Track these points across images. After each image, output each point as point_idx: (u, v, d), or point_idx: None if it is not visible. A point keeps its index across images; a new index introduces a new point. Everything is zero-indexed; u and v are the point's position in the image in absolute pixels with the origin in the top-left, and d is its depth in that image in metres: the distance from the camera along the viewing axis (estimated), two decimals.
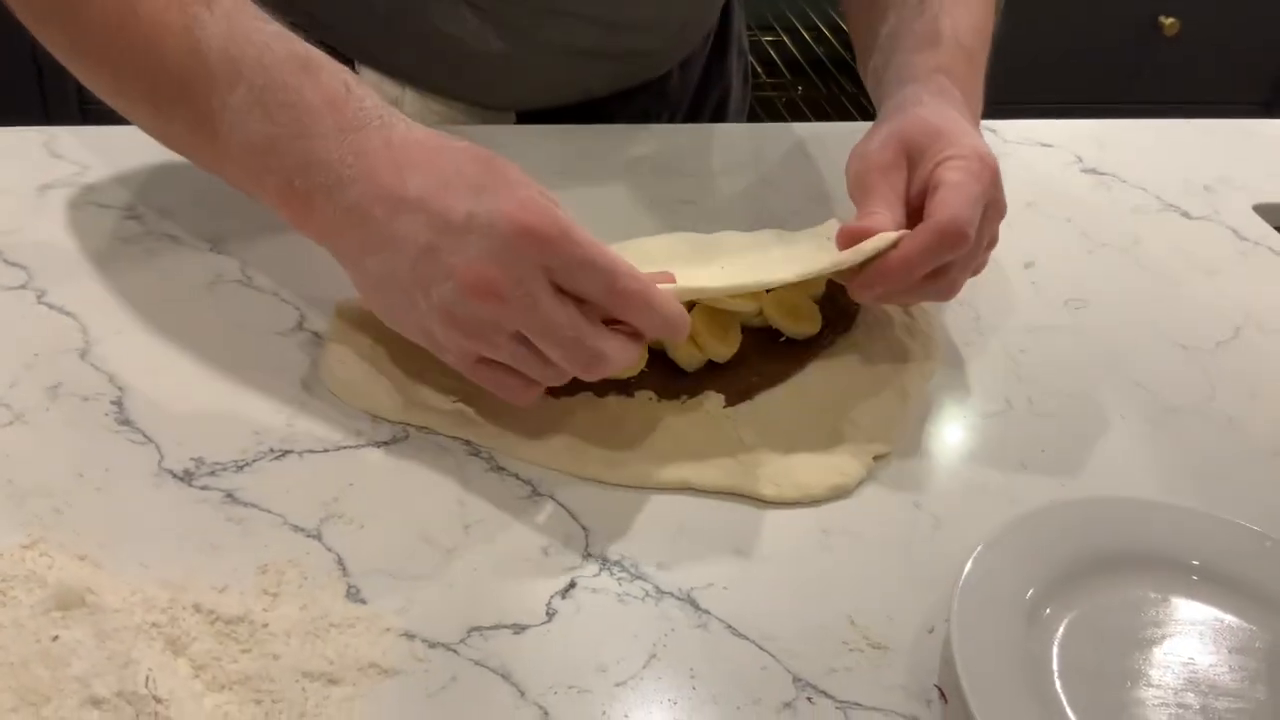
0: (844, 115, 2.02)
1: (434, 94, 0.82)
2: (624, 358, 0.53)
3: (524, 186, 0.51)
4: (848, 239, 0.59)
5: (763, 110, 2.01)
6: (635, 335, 0.53)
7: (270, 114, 0.53)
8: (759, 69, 2.01)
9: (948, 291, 0.61)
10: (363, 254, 0.53)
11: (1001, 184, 0.62)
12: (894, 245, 0.58)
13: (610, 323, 0.52)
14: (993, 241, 0.63)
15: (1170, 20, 2.10)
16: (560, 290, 0.51)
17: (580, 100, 0.85)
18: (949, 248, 0.58)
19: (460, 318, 0.51)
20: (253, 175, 0.54)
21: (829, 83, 2.09)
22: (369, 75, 0.81)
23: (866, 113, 1.98)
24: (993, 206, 0.61)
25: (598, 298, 0.51)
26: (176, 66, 0.54)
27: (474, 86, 0.82)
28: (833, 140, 0.87)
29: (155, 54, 0.54)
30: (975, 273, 0.63)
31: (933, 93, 0.66)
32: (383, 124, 0.53)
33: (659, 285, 0.53)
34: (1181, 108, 0.98)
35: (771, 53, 2.07)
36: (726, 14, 0.94)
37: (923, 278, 0.58)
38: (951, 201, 0.58)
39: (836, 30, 2.08)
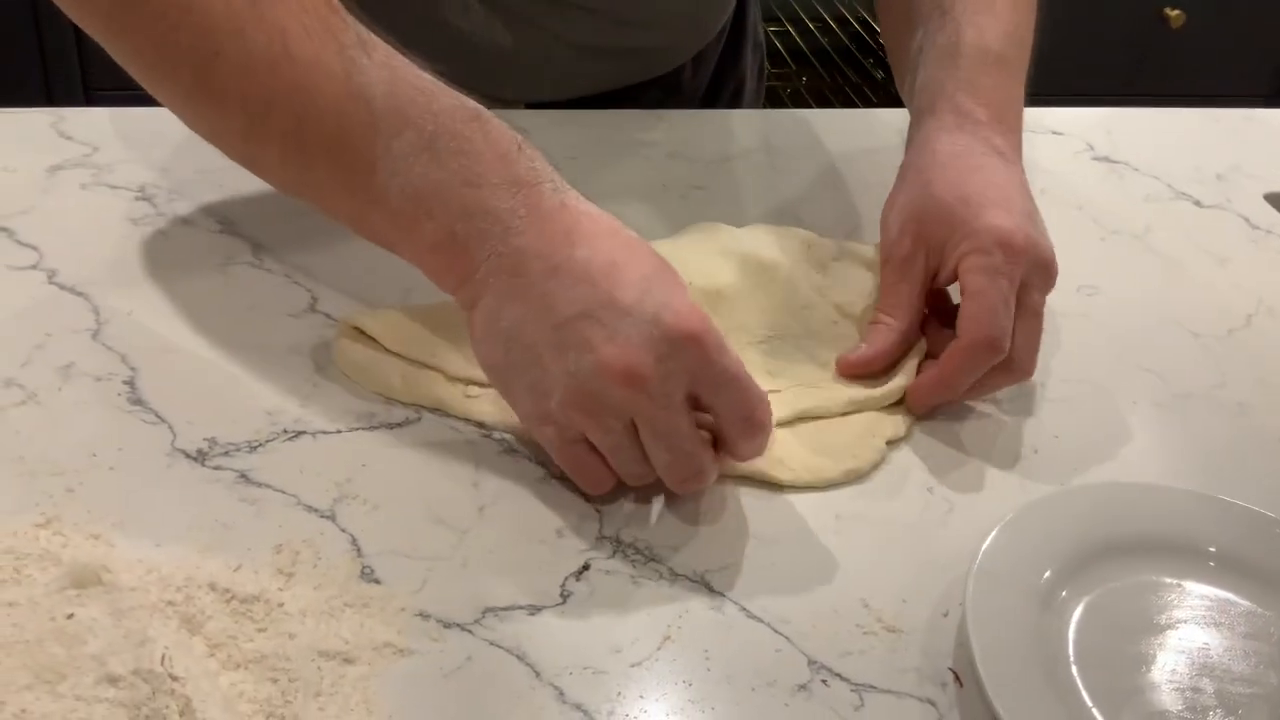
0: (849, 105, 2.02)
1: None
2: (713, 478, 0.53)
3: (685, 290, 0.51)
4: (845, 371, 0.60)
5: (767, 100, 2.00)
6: (721, 455, 0.53)
7: (440, 160, 0.51)
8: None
9: (1019, 377, 0.60)
10: (505, 301, 0.51)
11: (1035, 248, 0.59)
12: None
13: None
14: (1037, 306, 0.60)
15: (1175, 12, 2.09)
16: (691, 399, 0.50)
17: (591, 94, 0.84)
18: (984, 361, 0.58)
19: (589, 394, 0.49)
20: (407, 222, 0.52)
21: (834, 73, 2.08)
22: None
23: (870, 102, 1.98)
24: (1030, 282, 0.59)
25: (729, 418, 0.51)
26: (334, 110, 0.51)
27: (482, 79, 0.81)
28: (842, 126, 0.87)
29: (309, 96, 0.51)
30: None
31: (949, 129, 0.63)
32: (555, 188, 0.52)
33: None
34: (1186, 100, 0.98)
35: (776, 43, 2.07)
36: (742, 7, 0.94)
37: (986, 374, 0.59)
38: (977, 315, 0.57)
39: (841, 21, 2.08)
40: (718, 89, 0.93)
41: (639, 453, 0.51)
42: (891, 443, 0.58)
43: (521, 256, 0.50)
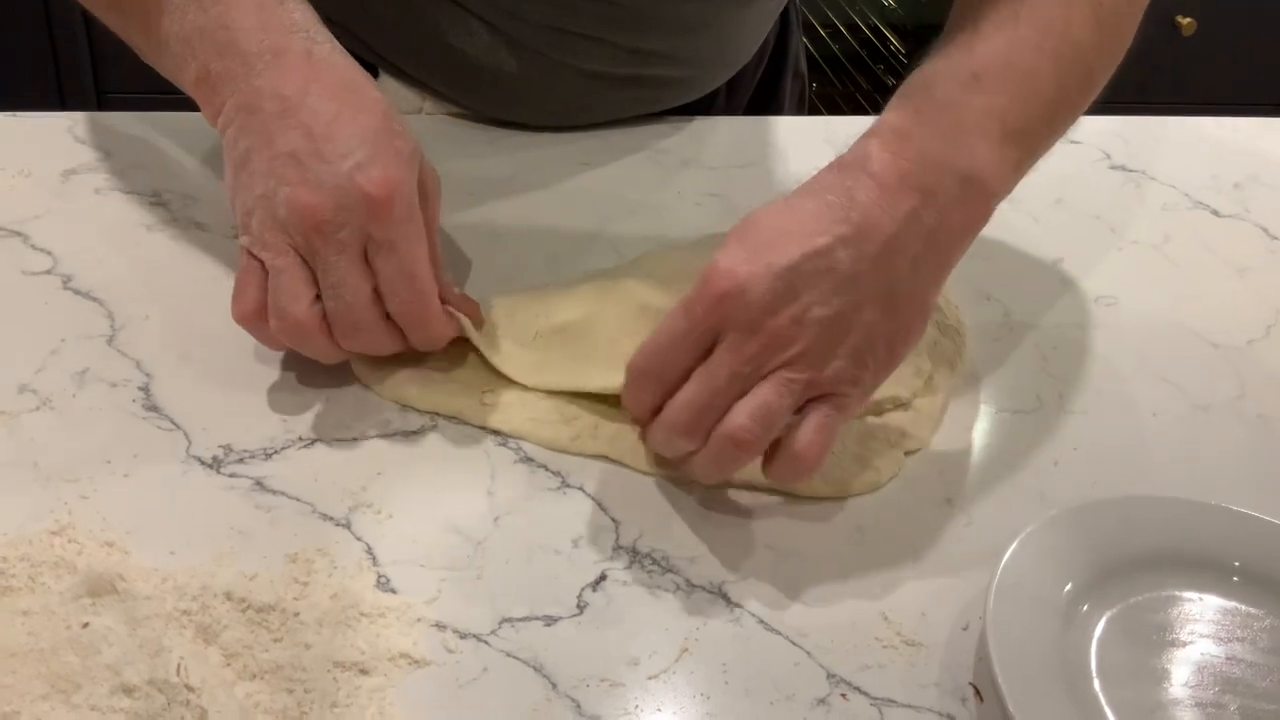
0: (860, 112, 2.01)
1: (455, 105, 0.81)
2: (378, 347, 0.56)
3: (405, 160, 0.54)
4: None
5: None
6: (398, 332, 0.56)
7: (204, 8, 0.57)
8: None
9: (714, 452, 0.50)
10: (241, 133, 0.55)
11: (738, 295, 0.49)
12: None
13: None
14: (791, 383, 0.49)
15: (1187, 20, 2.09)
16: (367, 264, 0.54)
17: (609, 121, 0.82)
18: (633, 390, 0.52)
19: (277, 219, 0.53)
20: (179, 62, 0.58)
21: (845, 79, 2.08)
22: (390, 84, 0.80)
23: (880, 109, 1.97)
24: (724, 330, 0.49)
25: (389, 281, 0.54)
26: None
27: (491, 103, 0.80)
28: (856, 132, 0.86)
29: None
30: (797, 463, 0.50)
31: (823, 171, 0.54)
32: (308, 38, 0.57)
33: None
34: (1199, 108, 0.97)
35: None
36: (784, 36, 0.91)
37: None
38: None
39: (853, 28, 2.07)
40: (754, 115, 0.91)
41: (296, 288, 0.53)
42: (910, 454, 0.58)
43: (259, 96, 0.55)
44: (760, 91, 0.91)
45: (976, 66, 0.55)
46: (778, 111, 0.93)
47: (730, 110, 0.88)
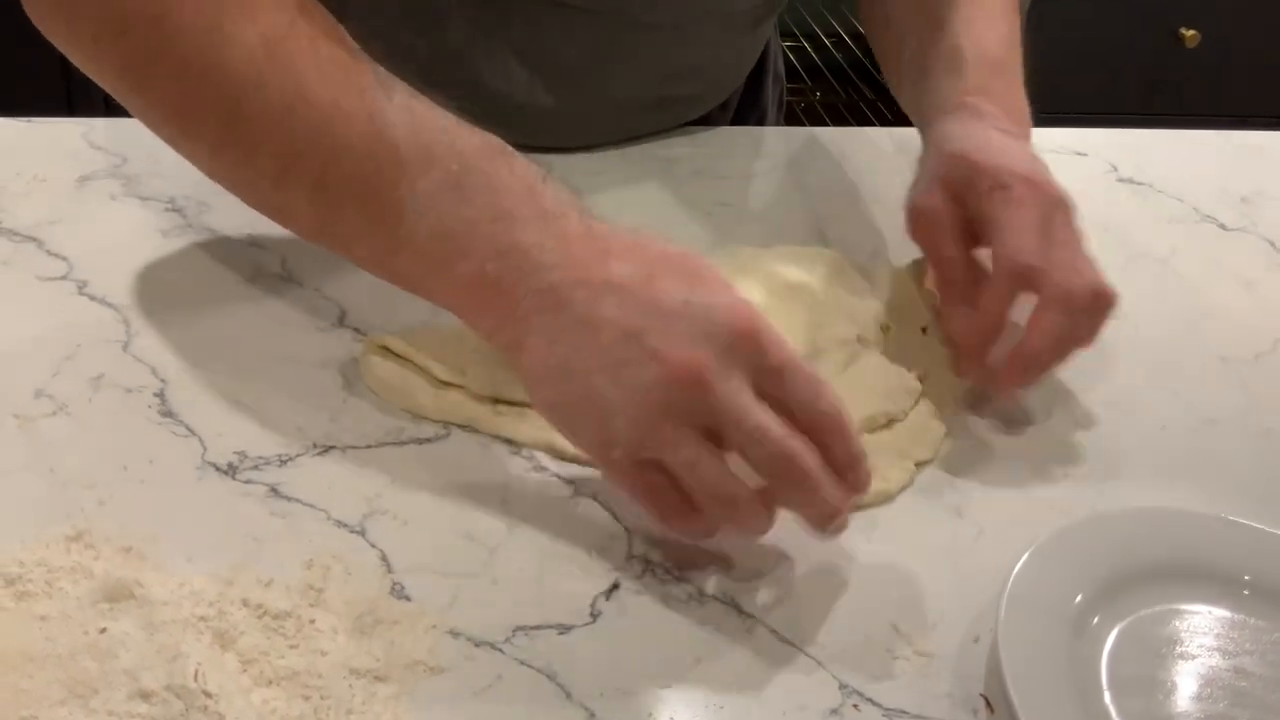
0: (864, 122, 2.02)
1: None
2: (827, 490, 0.48)
3: (731, 289, 0.50)
4: (969, 348, 0.62)
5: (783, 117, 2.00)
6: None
7: (467, 198, 0.51)
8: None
9: (1075, 304, 0.58)
10: (552, 338, 0.49)
11: (1051, 185, 0.61)
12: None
13: None
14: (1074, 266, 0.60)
15: (1190, 32, 2.09)
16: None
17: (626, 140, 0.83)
18: (1019, 286, 0.59)
19: (655, 405, 0.47)
20: (437, 262, 0.51)
21: (849, 89, 2.09)
22: None
23: (886, 119, 1.98)
24: (1052, 216, 0.60)
25: (803, 406, 0.48)
26: (359, 152, 0.51)
27: (522, 134, 0.78)
28: (867, 143, 0.87)
29: (333, 140, 0.51)
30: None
31: (964, 121, 0.64)
32: (582, 214, 0.52)
33: None
34: (1203, 120, 0.98)
35: (792, 58, 2.07)
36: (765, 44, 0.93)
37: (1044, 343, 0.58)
38: (1004, 239, 0.59)
39: (858, 37, 2.08)
40: (741, 123, 0.92)
41: (720, 465, 0.48)
42: (921, 465, 0.58)
43: (560, 290, 0.49)
44: (745, 99, 0.92)
45: (994, 53, 0.68)
46: (762, 115, 0.94)
47: (724, 118, 0.90)
